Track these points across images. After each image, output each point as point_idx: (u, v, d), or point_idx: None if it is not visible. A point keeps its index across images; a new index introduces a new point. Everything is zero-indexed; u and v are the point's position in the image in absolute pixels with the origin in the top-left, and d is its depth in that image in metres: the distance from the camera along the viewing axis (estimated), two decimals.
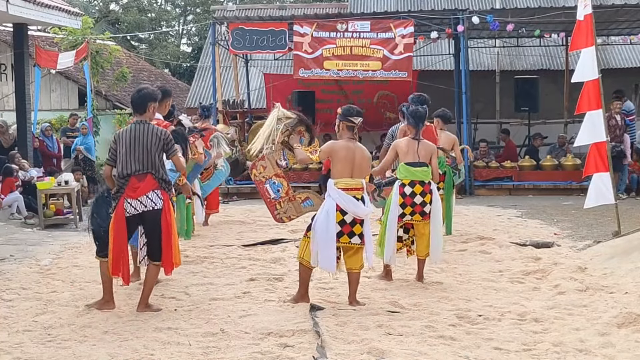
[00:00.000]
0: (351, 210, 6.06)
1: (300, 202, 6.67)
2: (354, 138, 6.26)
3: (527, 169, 14.81)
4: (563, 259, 7.85)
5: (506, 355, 4.88)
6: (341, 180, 6.10)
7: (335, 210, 6.03)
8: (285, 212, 6.70)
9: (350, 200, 6.05)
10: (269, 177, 6.45)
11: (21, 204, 11.61)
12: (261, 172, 6.47)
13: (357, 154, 6.17)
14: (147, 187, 5.97)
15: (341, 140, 6.24)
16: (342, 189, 6.07)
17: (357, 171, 6.15)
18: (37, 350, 5.08)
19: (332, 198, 6.08)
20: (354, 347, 4.99)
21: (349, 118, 6.22)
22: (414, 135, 7.03)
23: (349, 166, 6.12)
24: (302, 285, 6.29)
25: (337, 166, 6.14)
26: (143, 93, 6.14)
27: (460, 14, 14.79)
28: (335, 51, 14.33)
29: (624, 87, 18.01)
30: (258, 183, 6.47)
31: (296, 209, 6.68)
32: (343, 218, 6.06)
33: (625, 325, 5.32)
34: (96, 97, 17.99)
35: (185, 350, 5.03)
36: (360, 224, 6.12)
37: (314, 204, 6.70)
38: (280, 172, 6.49)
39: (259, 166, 6.49)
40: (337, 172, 6.13)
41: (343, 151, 6.14)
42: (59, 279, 7.45)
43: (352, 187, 6.09)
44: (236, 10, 23.53)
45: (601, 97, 8.63)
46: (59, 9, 14.57)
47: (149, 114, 6.13)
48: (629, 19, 15.30)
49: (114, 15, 35.39)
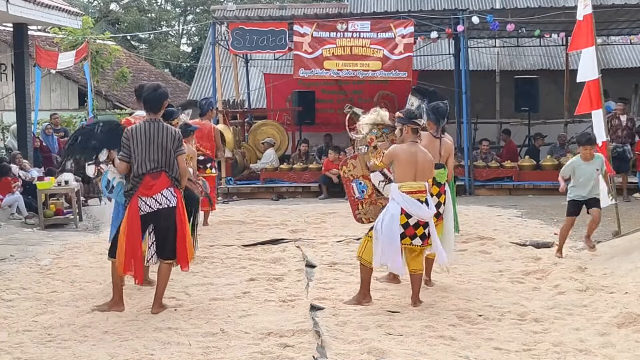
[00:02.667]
0: (415, 213, 6.07)
1: (381, 207, 6.72)
2: (417, 141, 6.23)
3: (527, 169, 14.80)
4: (563, 259, 7.85)
5: (506, 355, 4.89)
6: (405, 184, 6.09)
7: (399, 214, 6.04)
8: (366, 214, 6.78)
9: (414, 203, 6.06)
10: (357, 176, 6.51)
11: (21, 204, 11.61)
12: (351, 170, 6.54)
13: (420, 157, 6.16)
14: (162, 185, 6.01)
15: (404, 144, 6.21)
16: (406, 193, 6.07)
17: (420, 174, 6.15)
18: (37, 350, 5.09)
19: (396, 202, 6.09)
20: (354, 347, 4.99)
21: (414, 121, 6.19)
22: (435, 131, 6.96)
23: (412, 170, 6.11)
24: (364, 286, 6.25)
25: (400, 170, 6.13)
26: (160, 92, 6.16)
27: (460, 14, 14.78)
28: (335, 51, 14.33)
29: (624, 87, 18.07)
30: (345, 180, 6.52)
31: (376, 212, 6.73)
32: (407, 221, 6.07)
33: (625, 325, 5.32)
34: (96, 97, 18.01)
35: (185, 350, 5.04)
36: (423, 226, 6.14)
37: None
38: (367, 174, 6.54)
39: (350, 164, 6.56)
40: (400, 175, 6.13)
41: (406, 155, 6.12)
42: (59, 279, 7.45)
43: (415, 190, 6.10)
44: (236, 10, 23.53)
45: (601, 97, 8.63)
46: (59, 9, 14.58)
47: (161, 112, 6.20)
48: (629, 19, 15.30)
49: (114, 15, 35.38)
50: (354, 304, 6.14)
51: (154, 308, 6.05)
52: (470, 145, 14.88)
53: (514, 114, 18.58)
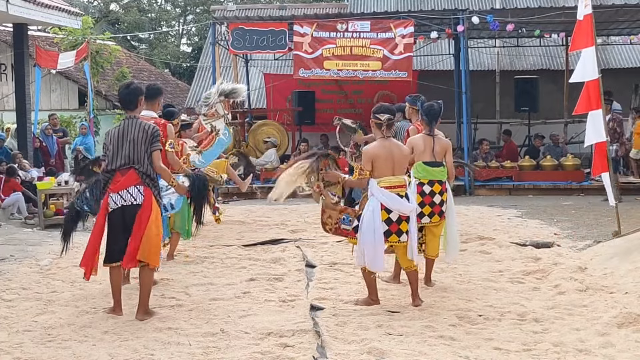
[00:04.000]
0: (395, 208, 6.05)
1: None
2: (385, 136, 6.21)
3: (527, 169, 14.81)
4: (563, 259, 7.85)
5: (506, 355, 4.89)
6: (383, 179, 6.09)
7: (380, 209, 6.02)
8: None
9: (393, 198, 6.04)
10: (338, 218, 6.46)
11: (22, 204, 11.61)
12: (331, 221, 6.48)
13: (395, 151, 6.16)
14: (129, 181, 5.90)
15: (376, 142, 6.23)
16: (385, 188, 6.07)
17: (397, 168, 6.15)
18: (37, 350, 5.09)
19: (375, 197, 6.07)
20: (354, 347, 4.99)
21: (376, 115, 6.22)
22: (428, 131, 6.94)
23: (389, 164, 6.12)
24: (371, 291, 6.22)
25: (378, 166, 6.12)
26: (132, 88, 6.09)
27: (460, 14, 14.78)
28: (335, 51, 14.33)
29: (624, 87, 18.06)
30: (336, 230, 6.47)
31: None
32: (389, 216, 6.05)
33: (625, 325, 5.32)
34: (96, 97, 18.00)
35: (185, 350, 5.04)
36: (406, 220, 6.11)
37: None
38: (340, 207, 6.49)
39: (326, 219, 6.51)
40: (378, 171, 6.12)
41: (381, 150, 6.12)
42: (59, 279, 7.46)
43: (394, 184, 6.09)
44: (236, 10, 23.52)
45: (601, 97, 8.63)
46: (59, 9, 14.59)
47: (139, 108, 6.12)
48: (629, 19, 15.30)
49: (114, 15, 35.37)
50: (362, 305, 6.12)
51: (137, 314, 5.89)
52: (470, 145, 14.88)
53: (514, 114, 18.58)
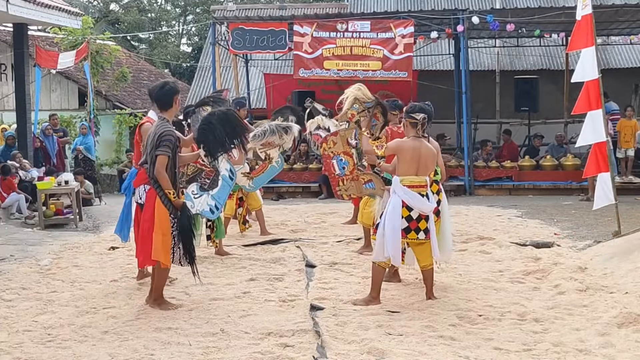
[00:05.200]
0: (417, 207, 6.15)
1: (363, 183, 6.73)
2: (419, 135, 6.27)
3: (527, 169, 14.81)
4: (563, 259, 7.84)
5: (506, 355, 4.88)
6: (406, 178, 6.18)
7: (401, 207, 6.12)
8: (347, 190, 6.77)
9: (415, 196, 6.14)
10: (337, 153, 6.53)
11: (22, 204, 11.62)
12: (331, 147, 6.56)
13: (423, 152, 6.23)
14: (140, 180, 6.32)
15: (408, 139, 6.29)
16: (407, 186, 6.15)
17: (422, 169, 6.23)
18: (37, 350, 5.09)
19: (397, 195, 6.17)
20: (354, 347, 4.99)
21: (412, 115, 6.27)
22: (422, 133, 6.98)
23: (415, 164, 6.19)
24: (375, 288, 6.26)
25: (403, 164, 6.21)
26: (166, 89, 6.17)
27: (460, 14, 14.79)
28: (335, 51, 14.33)
29: (624, 87, 18.07)
30: (326, 157, 6.55)
31: (357, 188, 6.74)
32: (409, 214, 6.15)
33: (625, 325, 5.32)
34: (96, 97, 17.99)
35: (185, 350, 5.03)
36: (425, 219, 6.21)
37: (375, 187, 6.75)
38: (349, 150, 6.56)
39: (330, 141, 6.57)
40: (403, 169, 6.21)
41: (410, 150, 6.20)
42: (59, 279, 7.45)
43: (416, 184, 6.18)
44: (236, 10, 23.53)
45: (601, 97, 8.63)
46: (59, 9, 14.58)
47: (174, 108, 6.20)
48: (629, 19, 15.30)
49: (114, 15, 35.34)
50: (362, 305, 6.13)
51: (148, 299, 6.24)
52: (470, 145, 14.88)
53: (514, 114, 18.59)
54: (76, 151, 15.60)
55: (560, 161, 14.81)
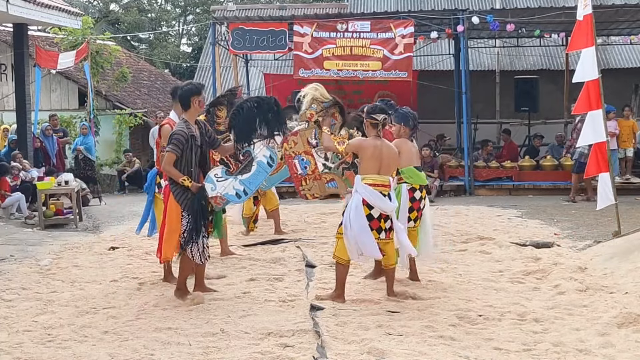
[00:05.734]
0: (377, 205, 6.19)
1: (325, 182, 6.75)
2: (380, 135, 6.35)
3: (527, 169, 14.81)
4: (563, 259, 7.85)
5: (506, 355, 4.89)
6: (368, 176, 6.23)
7: (362, 205, 6.17)
8: (310, 190, 6.78)
9: (376, 195, 6.18)
10: (298, 152, 6.56)
11: (22, 204, 11.62)
12: (292, 147, 6.58)
13: (385, 152, 6.30)
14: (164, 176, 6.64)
15: (369, 138, 6.37)
16: (369, 185, 6.19)
17: (384, 168, 6.29)
18: (37, 350, 5.09)
19: (359, 193, 6.21)
20: (354, 347, 4.99)
21: (372, 115, 6.36)
22: (409, 137, 7.06)
23: (377, 163, 6.25)
24: (339, 285, 6.34)
25: (365, 163, 6.28)
26: (184, 89, 6.31)
27: (460, 14, 14.77)
28: (335, 51, 14.32)
29: (624, 87, 18.07)
30: (287, 157, 6.56)
31: (320, 188, 6.76)
32: (370, 212, 6.19)
33: (625, 325, 5.32)
34: (96, 97, 17.97)
35: (185, 350, 5.04)
36: (384, 219, 6.25)
37: (338, 186, 6.76)
38: (309, 149, 6.59)
39: (291, 141, 6.59)
40: (365, 168, 6.28)
41: (371, 148, 6.27)
42: (59, 279, 7.46)
43: (379, 183, 6.23)
44: (236, 10, 23.53)
45: (601, 97, 8.62)
46: (59, 9, 14.58)
47: (192, 108, 6.27)
48: (629, 19, 15.30)
49: (114, 15, 35.33)
50: (327, 300, 6.24)
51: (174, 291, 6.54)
52: (470, 145, 14.87)
53: (514, 114, 18.59)
54: (76, 151, 15.60)
55: (560, 161, 14.80)
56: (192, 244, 6.28)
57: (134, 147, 19.45)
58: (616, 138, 13.94)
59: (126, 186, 17.62)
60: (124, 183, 17.62)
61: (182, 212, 6.24)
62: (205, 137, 6.40)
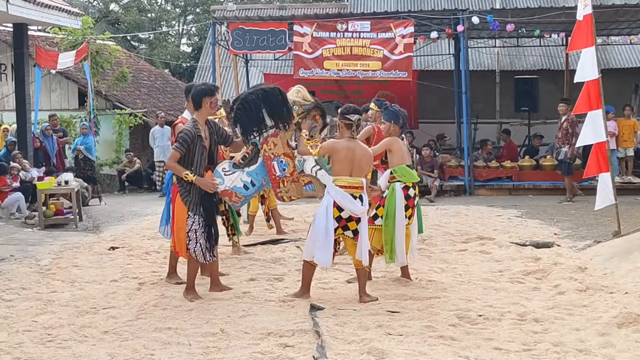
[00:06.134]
0: (347, 208, 6.20)
1: (303, 185, 6.75)
2: (353, 137, 6.35)
3: (527, 169, 14.81)
4: (563, 259, 7.85)
5: (506, 355, 4.88)
6: (340, 178, 6.24)
7: (332, 207, 6.18)
8: (287, 192, 6.77)
9: (347, 197, 6.19)
10: (277, 154, 6.56)
11: (22, 204, 11.61)
12: (271, 148, 6.58)
13: (357, 153, 6.29)
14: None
15: (342, 140, 6.36)
16: (340, 187, 6.20)
17: (356, 170, 6.27)
18: (37, 350, 5.09)
19: (330, 195, 6.23)
20: (354, 347, 4.99)
21: (346, 116, 6.36)
22: (399, 134, 7.10)
23: (349, 165, 6.25)
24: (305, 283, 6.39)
25: (337, 165, 6.28)
26: (196, 90, 6.42)
27: (460, 14, 14.78)
28: (335, 51, 14.33)
29: (624, 87, 18.07)
30: (266, 158, 6.56)
31: (298, 190, 6.76)
32: (340, 214, 6.21)
33: (625, 325, 5.31)
34: (96, 97, 17.97)
35: (185, 350, 5.03)
36: (356, 221, 6.26)
37: (315, 189, 6.77)
38: (289, 151, 6.59)
39: (270, 142, 6.59)
40: (337, 170, 6.29)
41: (344, 150, 6.26)
42: (59, 279, 7.46)
43: (350, 185, 6.23)
44: (236, 10, 23.54)
45: (601, 97, 8.63)
46: (59, 9, 14.57)
47: (203, 109, 6.35)
48: (629, 19, 15.30)
49: (114, 15, 35.34)
50: (293, 298, 6.29)
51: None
52: (470, 145, 14.87)
53: (514, 114, 18.59)
54: (76, 151, 15.60)
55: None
56: (196, 244, 6.31)
57: (134, 147, 19.46)
58: (616, 138, 13.98)
59: (126, 186, 17.62)
60: (124, 183, 17.63)
61: (187, 212, 6.29)
62: (215, 137, 6.46)
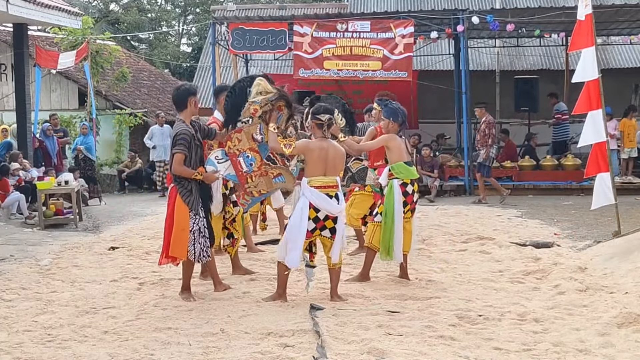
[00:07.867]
0: (324, 208, 6.20)
1: (272, 178, 6.71)
2: (325, 136, 6.35)
3: (527, 169, 14.81)
4: (563, 259, 7.85)
5: (506, 355, 4.88)
6: (315, 179, 6.23)
7: (308, 208, 6.17)
8: (256, 187, 6.72)
9: (323, 198, 6.19)
10: (243, 150, 6.52)
11: (22, 204, 11.61)
12: (235, 144, 6.53)
13: (330, 153, 6.29)
14: (169, 179, 6.72)
15: (315, 140, 6.37)
16: (315, 187, 6.19)
17: (330, 169, 6.28)
18: (37, 350, 5.08)
19: (305, 196, 6.21)
20: (354, 347, 4.99)
21: (316, 116, 6.36)
22: (398, 131, 7.10)
23: (322, 165, 6.25)
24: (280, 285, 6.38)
25: (311, 165, 6.28)
26: (181, 90, 6.46)
27: (460, 14, 14.79)
28: (335, 51, 14.33)
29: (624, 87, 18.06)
30: (231, 155, 6.51)
31: (267, 184, 6.70)
32: (317, 215, 6.20)
33: (625, 325, 5.31)
34: (96, 97, 17.97)
35: (185, 350, 5.03)
36: (333, 220, 6.26)
37: (285, 180, 6.72)
38: (254, 146, 6.53)
39: (234, 138, 6.54)
40: (311, 170, 6.28)
41: (317, 151, 6.26)
42: (59, 279, 7.45)
43: (325, 184, 6.23)
44: (236, 10, 23.53)
45: (601, 97, 8.63)
46: (59, 9, 14.58)
47: (189, 109, 6.38)
48: (629, 19, 15.31)
49: (114, 15, 35.34)
50: (271, 301, 6.28)
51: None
52: (470, 145, 14.88)
53: (514, 114, 18.58)
54: (77, 151, 15.60)
55: (560, 161, 14.81)
56: (195, 244, 6.33)
57: (134, 147, 19.46)
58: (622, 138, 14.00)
59: (126, 186, 17.62)
60: (124, 183, 17.63)
61: (189, 212, 6.30)
62: (200, 135, 6.50)
